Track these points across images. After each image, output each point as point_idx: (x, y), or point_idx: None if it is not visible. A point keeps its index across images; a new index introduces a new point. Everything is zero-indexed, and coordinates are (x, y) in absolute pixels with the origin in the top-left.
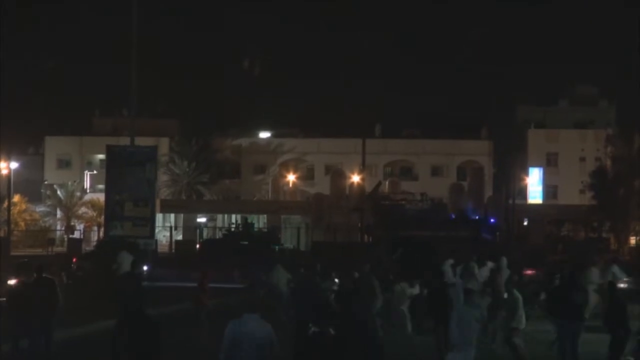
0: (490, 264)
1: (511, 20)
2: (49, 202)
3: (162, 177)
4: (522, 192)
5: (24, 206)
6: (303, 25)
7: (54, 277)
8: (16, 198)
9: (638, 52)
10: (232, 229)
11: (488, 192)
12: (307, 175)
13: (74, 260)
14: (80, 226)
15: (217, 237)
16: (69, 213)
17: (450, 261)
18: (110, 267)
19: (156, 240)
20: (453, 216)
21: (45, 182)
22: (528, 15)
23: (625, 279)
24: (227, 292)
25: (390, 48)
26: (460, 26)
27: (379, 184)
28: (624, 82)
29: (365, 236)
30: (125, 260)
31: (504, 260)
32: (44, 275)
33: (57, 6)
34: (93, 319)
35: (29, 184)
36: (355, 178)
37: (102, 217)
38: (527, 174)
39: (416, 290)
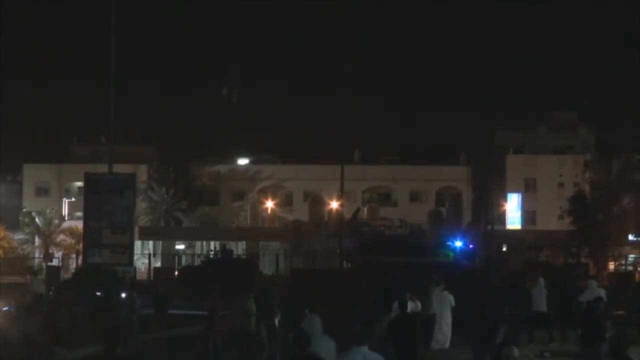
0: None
1: (490, 48)
2: (27, 230)
3: (141, 204)
4: (501, 218)
5: (2, 234)
6: (281, 53)
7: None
8: None
9: (617, 79)
10: (211, 256)
11: (467, 218)
12: (286, 202)
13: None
14: (58, 254)
15: (196, 264)
16: (48, 240)
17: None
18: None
19: (135, 268)
20: (433, 242)
21: (24, 210)
22: (508, 42)
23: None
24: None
25: (370, 75)
26: (438, 55)
27: (358, 210)
28: (603, 108)
29: (344, 262)
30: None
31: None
32: None
33: (35, 33)
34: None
35: (7, 212)
36: (334, 204)
37: (81, 244)
38: (505, 199)
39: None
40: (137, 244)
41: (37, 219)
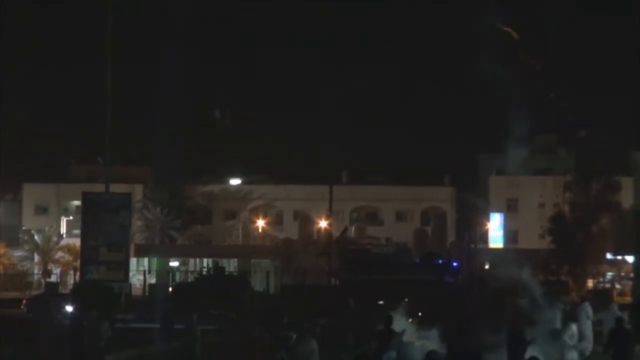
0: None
1: (471, 73)
2: (26, 247)
3: (136, 223)
4: (484, 237)
5: (2, 250)
6: (272, 76)
7: None
8: None
9: (596, 104)
10: (204, 273)
11: (451, 237)
12: (276, 221)
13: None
14: (57, 270)
15: (189, 280)
16: (46, 257)
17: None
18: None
19: (130, 284)
20: (418, 260)
21: (23, 228)
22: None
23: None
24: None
25: (356, 99)
26: (423, 81)
27: (346, 229)
28: (583, 131)
29: (333, 280)
30: None
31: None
32: None
33: (34, 56)
34: None
35: (7, 230)
36: (323, 223)
37: (78, 261)
38: (488, 219)
39: None
40: (133, 261)
41: (36, 237)
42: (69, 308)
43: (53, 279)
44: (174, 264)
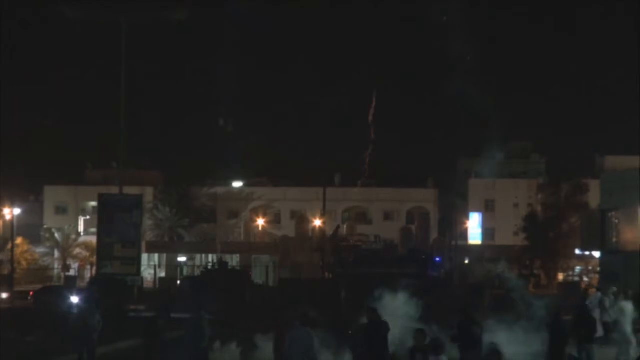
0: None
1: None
2: (47, 244)
3: (147, 222)
4: (464, 234)
5: (25, 247)
6: (272, 88)
7: None
8: (19, 240)
9: (567, 112)
10: (209, 267)
11: (434, 234)
12: (275, 220)
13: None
14: (75, 265)
15: (196, 274)
16: (65, 253)
17: None
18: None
19: (142, 278)
20: (404, 255)
21: (45, 226)
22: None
23: None
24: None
25: (347, 108)
26: (408, 88)
27: (338, 227)
28: (554, 138)
29: (327, 273)
30: None
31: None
32: None
33: (49, 65)
34: None
35: (30, 228)
36: (317, 222)
37: (95, 257)
38: (468, 218)
39: None
40: (144, 256)
41: (56, 235)
42: (75, 299)
43: (72, 273)
44: (182, 259)
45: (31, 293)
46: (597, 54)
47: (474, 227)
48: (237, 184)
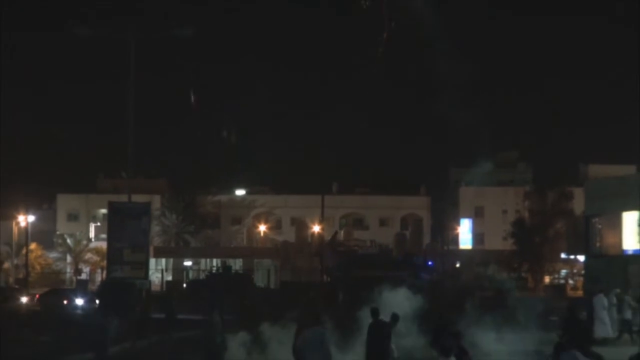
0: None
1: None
2: (60, 249)
3: (155, 228)
4: (455, 239)
5: (39, 252)
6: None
7: None
8: (33, 246)
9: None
10: (214, 271)
11: (426, 239)
12: (276, 226)
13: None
14: (86, 269)
15: (201, 277)
16: (77, 258)
17: None
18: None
19: (150, 281)
20: (398, 259)
21: (57, 233)
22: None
23: None
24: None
25: (345, 120)
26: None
27: (336, 233)
28: (540, 148)
29: (325, 276)
30: None
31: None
32: None
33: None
34: None
35: (44, 234)
36: (316, 228)
37: (105, 261)
38: (458, 224)
39: None
40: (152, 261)
41: (68, 240)
42: (80, 301)
43: (83, 276)
44: (188, 263)
45: (37, 296)
46: (581, 69)
47: (465, 233)
48: (240, 192)
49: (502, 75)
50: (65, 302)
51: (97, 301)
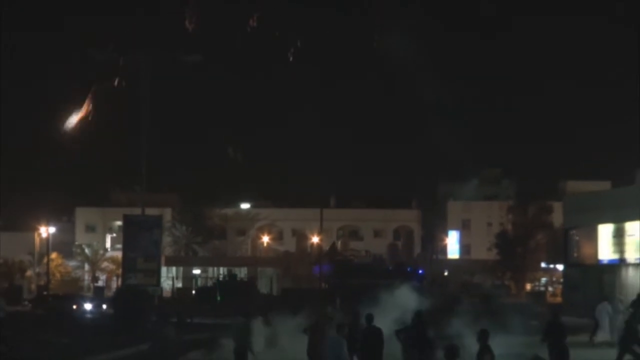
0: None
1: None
2: (79, 258)
3: (166, 239)
4: (444, 250)
5: (59, 261)
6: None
7: None
8: (53, 255)
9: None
10: (220, 279)
11: (417, 249)
12: (278, 237)
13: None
14: (103, 277)
15: (209, 285)
16: (94, 267)
17: None
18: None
19: (161, 288)
20: (391, 268)
21: (76, 243)
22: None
23: None
24: (216, 327)
25: (341, 135)
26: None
27: (334, 243)
28: (522, 165)
29: (323, 284)
30: None
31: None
32: None
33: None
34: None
35: (63, 245)
36: (315, 239)
37: (120, 269)
38: (447, 235)
39: None
40: (163, 269)
41: (86, 250)
42: (88, 306)
43: (100, 284)
44: (197, 271)
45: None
46: (563, 87)
47: (453, 244)
48: (244, 206)
49: (486, 96)
50: (74, 307)
51: (113, 306)
